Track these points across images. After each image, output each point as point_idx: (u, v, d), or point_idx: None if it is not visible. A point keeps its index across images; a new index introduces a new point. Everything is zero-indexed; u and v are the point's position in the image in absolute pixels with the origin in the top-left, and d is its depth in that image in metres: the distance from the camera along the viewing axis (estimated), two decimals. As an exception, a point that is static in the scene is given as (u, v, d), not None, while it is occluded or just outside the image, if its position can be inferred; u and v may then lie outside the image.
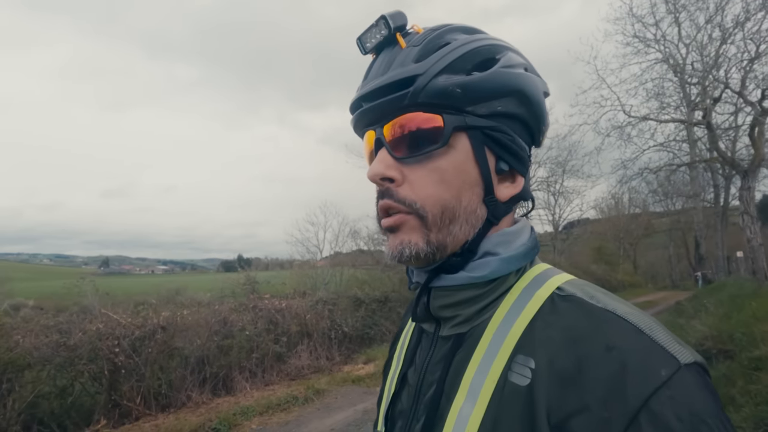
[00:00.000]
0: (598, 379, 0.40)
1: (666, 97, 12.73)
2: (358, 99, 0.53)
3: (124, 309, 5.96)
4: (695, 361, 0.41)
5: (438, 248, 0.50)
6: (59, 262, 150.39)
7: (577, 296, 0.48)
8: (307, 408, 5.13)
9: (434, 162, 0.50)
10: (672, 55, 12.37)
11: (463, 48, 0.51)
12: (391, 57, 0.52)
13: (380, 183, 0.52)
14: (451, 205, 0.50)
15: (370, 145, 0.54)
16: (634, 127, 12.35)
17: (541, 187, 22.08)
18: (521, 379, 0.45)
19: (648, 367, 0.40)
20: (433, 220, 0.50)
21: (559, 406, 0.41)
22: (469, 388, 0.48)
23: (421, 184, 0.50)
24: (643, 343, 0.42)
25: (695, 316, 7.33)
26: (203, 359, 5.59)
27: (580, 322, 0.45)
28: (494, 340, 0.49)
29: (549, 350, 0.44)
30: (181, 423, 4.49)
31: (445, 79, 0.49)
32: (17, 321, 4.92)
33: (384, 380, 0.67)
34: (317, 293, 9.03)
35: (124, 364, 4.81)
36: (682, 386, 0.39)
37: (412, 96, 0.49)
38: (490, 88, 0.51)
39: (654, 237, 32.13)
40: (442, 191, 0.50)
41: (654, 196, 19.98)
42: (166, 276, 70.12)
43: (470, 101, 0.50)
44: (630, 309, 0.46)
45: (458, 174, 0.51)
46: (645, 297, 19.01)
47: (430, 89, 0.49)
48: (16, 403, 3.97)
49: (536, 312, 0.48)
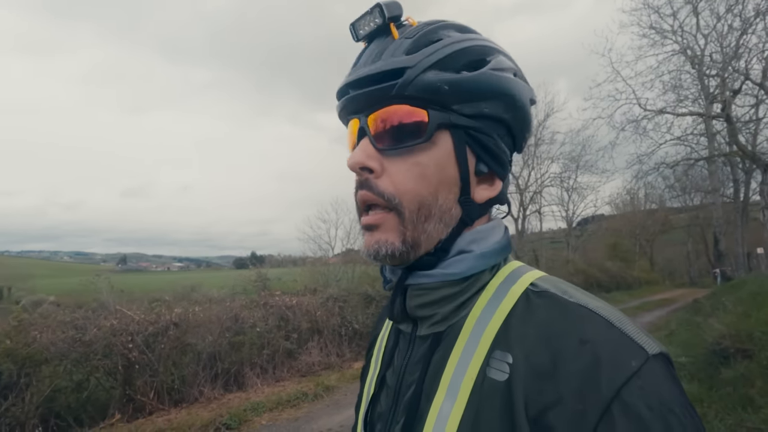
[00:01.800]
0: (572, 371, 0.41)
1: (683, 89, 12.45)
2: (345, 85, 0.52)
3: (138, 305, 6.07)
4: (661, 351, 0.43)
5: (413, 247, 0.50)
6: (79, 259, 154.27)
7: (551, 292, 0.49)
8: (317, 404, 5.16)
9: (415, 156, 0.50)
10: (690, 46, 12.07)
11: (455, 46, 0.51)
12: (382, 47, 0.51)
13: (359, 173, 0.51)
14: (427, 202, 0.50)
15: (354, 133, 0.53)
16: (650, 120, 12.12)
17: (555, 183, 21.83)
18: (499, 375, 0.45)
19: (619, 359, 0.41)
20: (409, 217, 0.49)
21: (536, 399, 0.42)
22: (448, 386, 0.48)
23: (400, 178, 0.50)
24: (615, 335, 0.43)
25: (713, 314, 7.16)
26: (215, 355, 5.66)
27: (555, 317, 0.46)
28: (472, 337, 0.49)
29: (525, 345, 0.45)
30: (193, 418, 4.56)
31: (434, 75, 0.49)
32: (35, 317, 5.05)
33: (362, 385, 0.66)
34: (328, 290, 9.07)
35: (138, 360, 4.91)
36: (651, 376, 0.40)
37: (400, 88, 0.48)
38: (478, 88, 0.50)
39: (671, 233, 31.50)
40: (420, 187, 0.49)
41: (671, 191, 19.55)
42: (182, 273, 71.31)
43: (457, 99, 0.50)
44: (601, 303, 0.47)
45: (438, 171, 0.50)
46: (662, 294, 18.68)
47: (418, 83, 0.48)
48: (34, 396, 4.08)
49: (511, 308, 0.49)
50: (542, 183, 21.15)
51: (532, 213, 21.83)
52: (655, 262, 31.57)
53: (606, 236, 29.15)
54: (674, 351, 6.13)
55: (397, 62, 0.49)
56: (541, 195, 21.60)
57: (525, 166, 20.27)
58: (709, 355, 5.25)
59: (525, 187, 20.49)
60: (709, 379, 4.81)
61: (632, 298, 17.27)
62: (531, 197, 20.98)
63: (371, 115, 0.51)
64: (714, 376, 4.80)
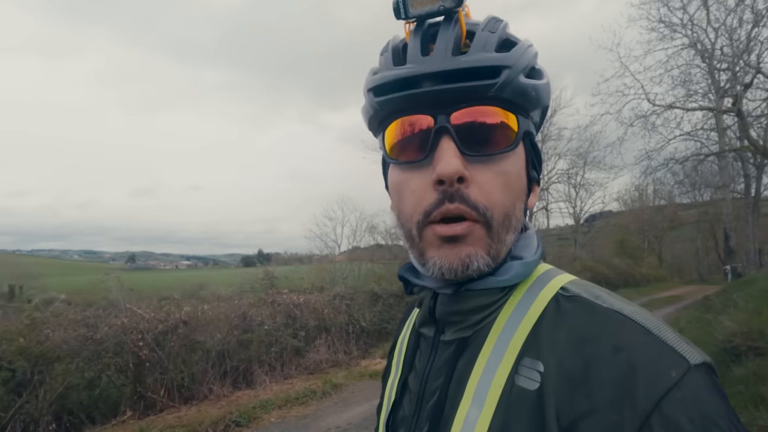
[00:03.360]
0: (606, 380, 0.40)
1: (693, 84, 12.29)
2: (417, 75, 0.45)
3: (148, 304, 6.13)
4: (704, 361, 0.41)
5: (494, 259, 0.48)
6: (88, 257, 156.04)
7: (583, 296, 0.47)
8: (325, 402, 5.19)
9: (500, 165, 0.47)
10: (700, 39, 11.90)
11: (532, 50, 0.50)
12: (457, 36, 0.47)
13: (454, 183, 0.45)
14: (510, 213, 0.48)
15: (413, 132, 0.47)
16: (659, 115, 11.97)
17: (562, 179, 21.70)
18: (529, 383, 0.44)
19: (658, 368, 0.39)
20: (497, 230, 0.47)
21: (568, 408, 0.40)
22: (474, 392, 0.47)
23: (489, 188, 0.46)
24: (652, 343, 0.41)
25: (723, 311, 7.08)
26: (224, 353, 5.71)
27: (587, 323, 0.44)
28: (499, 343, 0.48)
29: (556, 352, 0.44)
30: (203, 415, 4.60)
31: (524, 79, 0.47)
32: (47, 315, 5.12)
33: (383, 387, 0.66)
34: (335, 288, 9.10)
35: (148, 358, 4.96)
36: (693, 387, 0.38)
37: (499, 88, 0.45)
38: (544, 97, 0.51)
39: (680, 229, 31.14)
40: (506, 197, 0.47)
41: (680, 187, 19.29)
42: (190, 271, 71.88)
43: (534, 106, 0.50)
44: (636, 309, 0.45)
45: (518, 180, 0.49)
46: (670, 291, 18.49)
47: (515, 85, 0.46)
48: (47, 394, 4.14)
49: (541, 313, 0.47)
50: (549, 179, 21.03)
51: (539, 210, 21.74)
52: (663, 259, 31.26)
53: (614, 233, 28.90)
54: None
55: (494, 59, 0.45)
56: (548, 192, 21.49)
57: (532, 162, 20.13)
58: (720, 353, 5.20)
59: (532, 183, 20.35)
60: (719, 377, 4.76)
61: (640, 295, 17.12)
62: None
63: (456, 114, 0.45)
64: (725, 374, 4.75)
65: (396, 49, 0.51)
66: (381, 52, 0.53)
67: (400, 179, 0.50)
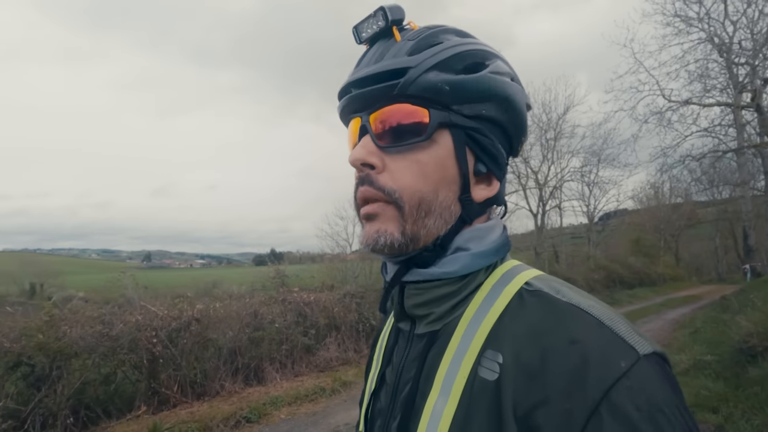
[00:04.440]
0: (561, 371, 0.41)
1: (710, 79, 12.00)
2: (347, 85, 0.54)
3: (162, 301, 6.24)
4: (654, 351, 0.42)
5: (412, 240, 0.51)
6: (106, 256, 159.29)
7: (544, 291, 0.49)
8: (334, 399, 5.23)
9: (416, 154, 0.51)
10: (717, 33, 11.61)
11: (455, 48, 0.52)
12: (384, 48, 0.53)
13: (361, 168, 0.52)
14: (428, 199, 0.51)
15: (355, 132, 0.55)
16: (675, 112, 11.76)
17: (575, 178, 21.37)
18: (490, 374, 0.46)
19: (608, 359, 0.41)
20: (409, 211, 0.50)
21: (524, 398, 0.42)
22: (442, 384, 0.49)
23: (401, 174, 0.51)
24: (605, 335, 0.43)
25: (741, 311, 6.93)
26: (235, 350, 5.79)
27: (545, 316, 0.46)
28: (465, 336, 0.50)
29: (515, 344, 0.46)
30: (215, 411, 4.68)
31: (435, 75, 0.50)
32: (65, 312, 5.25)
33: (366, 380, 0.68)
34: (345, 286, 9.14)
35: (162, 354, 5.06)
36: (641, 376, 0.40)
37: (402, 87, 0.49)
38: (477, 90, 0.52)
39: (698, 228, 30.44)
40: (421, 183, 0.51)
41: (698, 184, 18.92)
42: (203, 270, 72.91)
43: (457, 100, 0.51)
44: (593, 303, 0.47)
45: (438, 169, 0.51)
46: (687, 291, 18.13)
47: (420, 82, 0.50)
48: (65, 389, 4.26)
49: (505, 307, 0.49)
50: (562, 178, 20.75)
51: (552, 208, 21.47)
52: (680, 258, 30.62)
53: (629, 231, 28.41)
54: (699, 349, 5.97)
55: (399, 62, 0.50)
56: (561, 190, 21.22)
57: (545, 160, 19.92)
58: (736, 354, 5.09)
59: (545, 182, 20.14)
60: (735, 378, 4.66)
61: (656, 294, 16.82)
62: (551, 192, 20.62)
63: (373, 114, 0.52)
64: (740, 375, 4.65)
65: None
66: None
67: None
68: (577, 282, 15.13)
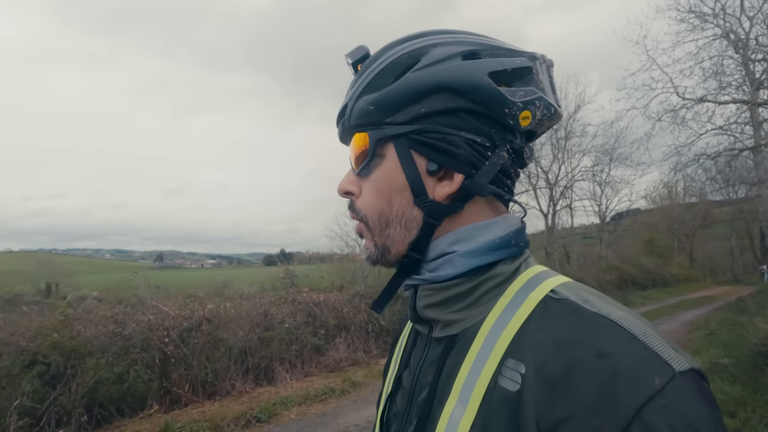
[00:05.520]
0: (588, 386, 0.39)
1: (726, 75, 11.74)
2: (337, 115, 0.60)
3: (174, 301, 6.31)
4: (691, 368, 0.40)
5: (383, 251, 0.55)
6: (119, 256, 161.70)
7: (571, 300, 0.47)
8: (344, 400, 5.23)
9: (373, 174, 0.55)
10: (733, 29, 11.37)
11: (381, 64, 0.53)
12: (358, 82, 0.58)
13: (343, 196, 0.59)
14: (385, 211, 0.54)
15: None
16: (689, 109, 11.53)
17: (586, 177, 21.10)
18: (511, 384, 0.44)
19: (641, 375, 0.38)
20: (374, 226, 0.55)
21: (548, 412, 0.40)
22: (460, 391, 0.47)
23: (365, 195, 0.56)
24: (637, 349, 0.40)
25: (758, 313, 6.78)
26: (246, 350, 5.82)
27: (572, 327, 0.44)
28: (486, 343, 0.48)
29: (539, 355, 0.44)
30: (225, 410, 4.72)
31: (362, 101, 0.54)
32: (79, 312, 5.32)
33: (383, 382, 0.68)
34: (354, 287, 9.14)
35: (173, 354, 5.11)
36: (677, 395, 0.38)
37: (345, 123, 0.56)
38: (405, 94, 0.51)
39: (713, 228, 29.89)
40: (376, 199, 0.55)
41: (713, 183, 18.48)
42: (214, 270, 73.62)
43: (386, 113, 0.52)
44: (625, 314, 0.45)
45: (386, 181, 0.54)
46: (702, 292, 17.82)
47: (354, 113, 0.55)
48: (79, 387, 4.32)
49: (528, 315, 0.47)
50: (573, 177, 20.52)
51: (563, 208, 21.24)
52: (695, 259, 30.10)
53: (641, 231, 28.02)
54: (715, 352, 5.85)
55: (343, 102, 0.57)
56: (571, 190, 20.98)
57: (555, 160, 19.73)
58: (754, 357, 4.98)
59: (555, 181, 19.94)
60: (753, 381, 4.56)
61: (669, 295, 16.56)
62: (561, 192, 20.41)
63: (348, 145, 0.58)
64: (759, 378, 4.55)
65: None
66: None
67: None
68: (589, 283, 14.92)
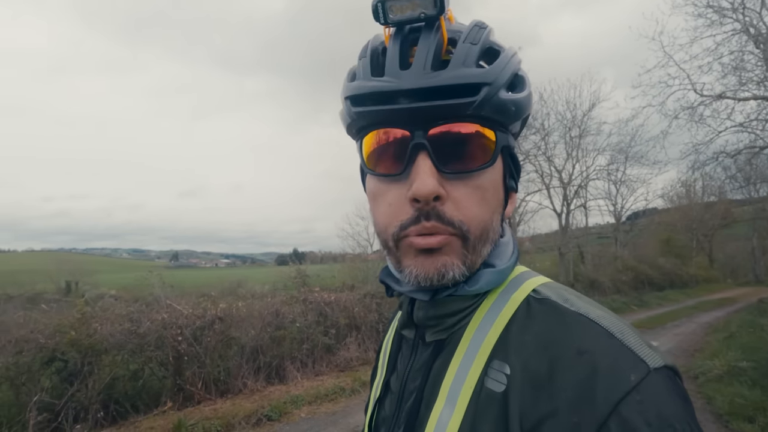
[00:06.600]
0: (568, 383, 0.41)
1: (746, 71, 11.42)
2: (395, 91, 0.44)
3: (187, 300, 6.40)
4: (665, 364, 0.41)
5: (469, 269, 0.48)
6: (136, 256, 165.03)
7: (552, 299, 0.47)
8: (354, 399, 5.24)
9: (477, 180, 0.47)
10: (753, 24, 11.06)
11: (514, 62, 0.48)
12: (437, 46, 0.45)
13: (430, 203, 0.45)
14: (488, 227, 0.48)
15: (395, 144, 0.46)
16: (708, 106, 11.24)
17: (601, 176, 20.75)
18: (497, 385, 0.45)
19: (618, 372, 0.40)
20: (473, 242, 0.47)
21: (532, 410, 0.41)
22: (448, 394, 0.48)
23: (465, 204, 0.46)
24: (614, 347, 0.42)
25: (780, 315, 6.58)
26: (257, 349, 5.88)
27: (553, 326, 0.45)
28: (471, 345, 0.49)
29: (523, 355, 0.44)
30: (237, 408, 4.77)
31: (504, 94, 0.46)
32: (96, 310, 5.45)
33: (371, 388, 0.67)
34: (366, 286, 9.16)
35: (187, 352, 5.19)
36: (651, 391, 0.39)
37: (478, 106, 0.44)
38: (525, 109, 0.50)
39: (734, 227, 29.12)
40: (483, 211, 0.47)
41: (733, 182, 17.99)
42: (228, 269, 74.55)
43: (513, 120, 0.49)
44: (603, 313, 0.46)
45: (495, 194, 0.49)
46: (722, 293, 17.40)
47: (494, 102, 0.45)
48: (96, 384, 4.42)
49: (512, 316, 0.48)
50: (588, 176, 20.19)
51: (577, 207, 20.92)
52: (714, 259, 29.36)
53: (658, 231, 27.43)
54: (734, 355, 5.70)
55: (474, 76, 0.44)
56: (586, 189, 20.65)
57: (569, 158, 19.44)
58: (774, 360, 4.84)
59: (569, 180, 19.65)
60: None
61: (687, 297, 16.21)
62: (575, 191, 20.11)
63: (432, 132, 0.44)
64: (779, 382, 4.42)
65: (375, 54, 0.50)
66: (359, 56, 0.51)
67: (377, 190, 0.50)
68: (604, 283, 14.71)
